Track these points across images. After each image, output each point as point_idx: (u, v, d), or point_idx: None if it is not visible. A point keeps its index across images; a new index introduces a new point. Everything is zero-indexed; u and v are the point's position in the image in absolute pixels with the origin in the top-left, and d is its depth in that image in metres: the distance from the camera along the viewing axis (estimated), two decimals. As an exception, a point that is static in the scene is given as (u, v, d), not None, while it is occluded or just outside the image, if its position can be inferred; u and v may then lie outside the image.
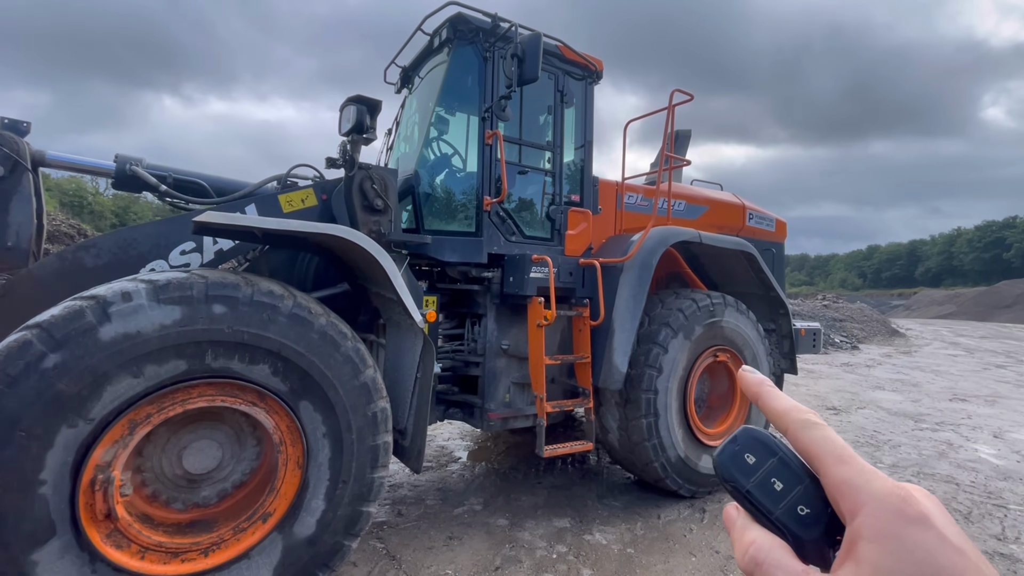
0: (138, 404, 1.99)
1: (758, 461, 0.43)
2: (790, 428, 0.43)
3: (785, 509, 0.41)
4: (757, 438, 0.44)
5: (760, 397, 0.46)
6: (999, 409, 7.47)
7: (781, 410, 0.44)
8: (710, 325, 4.06)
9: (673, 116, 4.18)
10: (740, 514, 0.43)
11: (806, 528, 0.40)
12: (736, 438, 0.44)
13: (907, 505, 0.36)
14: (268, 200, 3.06)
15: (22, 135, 2.71)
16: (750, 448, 0.43)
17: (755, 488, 0.42)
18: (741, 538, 0.42)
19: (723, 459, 0.44)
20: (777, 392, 0.46)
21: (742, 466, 0.43)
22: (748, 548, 0.40)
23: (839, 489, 0.39)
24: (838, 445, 0.40)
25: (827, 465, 0.40)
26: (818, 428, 0.42)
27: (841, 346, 15.02)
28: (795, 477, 0.42)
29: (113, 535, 1.99)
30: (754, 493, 0.42)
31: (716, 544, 3.36)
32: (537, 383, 3.63)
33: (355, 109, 2.91)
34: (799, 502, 0.41)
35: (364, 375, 2.49)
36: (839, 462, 0.39)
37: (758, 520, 0.42)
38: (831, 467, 0.39)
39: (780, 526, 0.41)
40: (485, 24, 3.72)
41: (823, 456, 0.40)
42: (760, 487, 0.42)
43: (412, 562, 3.05)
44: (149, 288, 2.03)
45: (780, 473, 0.42)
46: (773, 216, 5.82)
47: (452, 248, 3.65)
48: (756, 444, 0.43)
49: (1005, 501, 4.11)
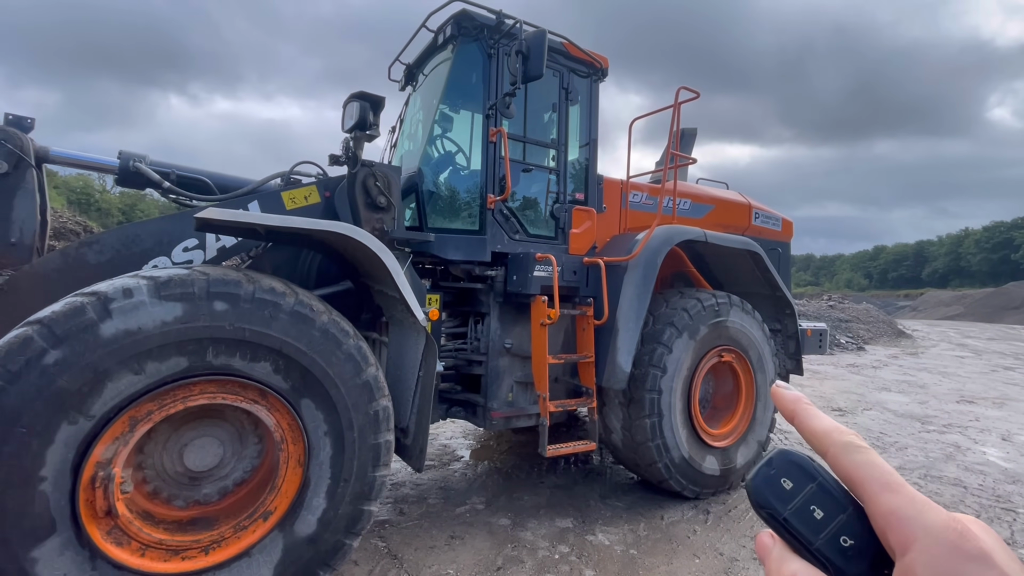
0: (139, 401, 1.98)
1: (796, 487, 0.40)
2: (830, 451, 0.40)
3: (826, 540, 0.38)
4: (794, 461, 0.41)
5: (796, 416, 0.43)
6: (1007, 411, 7.39)
7: (821, 431, 0.41)
8: (715, 325, 4.03)
9: (679, 114, 4.15)
10: (776, 543, 0.41)
11: (849, 561, 0.37)
12: (772, 461, 0.41)
13: (965, 541, 0.33)
14: (271, 197, 3.05)
15: (26, 131, 2.71)
16: (787, 472, 0.40)
17: (793, 516, 0.39)
18: (779, 570, 0.39)
19: (757, 483, 0.41)
20: (815, 411, 0.43)
21: (778, 492, 0.40)
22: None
23: (887, 520, 0.36)
24: (885, 471, 0.37)
25: (873, 493, 0.37)
26: (862, 452, 0.39)
27: (847, 347, 14.92)
28: (837, 505, 0.39)
29: (113, 532, 1.99)
30: (792, 522, 0.39)
31: (720, 546, 3.33)
32: (540, 382, 3.61)
33: (358, 105, 2.89)
34: (842, 532, 0.38)
35: (366, 373, 2.47)
36: (886, 490, 0.36)
37: (796, 550, 0.39)
38: (878, 495, 0.37)
39: (821, 558, 0.38)
40: (490, 21, 3.70)
41: (868, 483, 0.37)
42: (798, 515, 0.39)
43: (414, 561, 3.04)
44: (150, 285, 2.02)
45: (820, 500, 0.39)
46: (779, 215, 5.77)
47: (455, 246, 3.63)
48: (793, 468, 0.41)
49: (1014, 505, 4.06)
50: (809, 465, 0.41)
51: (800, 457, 0.41)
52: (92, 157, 3.04)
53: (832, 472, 0.40)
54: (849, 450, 0.39)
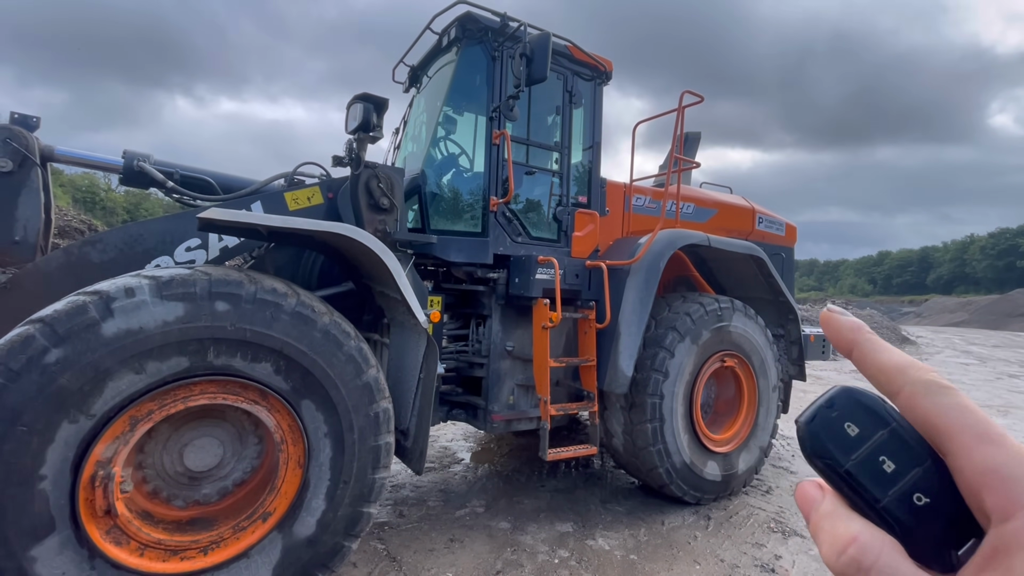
0: (140, 400, 1.98)
1: (863, 433, 0.33)
2: (905, 390, 0.33)
3: (896, 497, 0.32)
4: (863, 403, 0.34)
5: (858, 346, 0.35)
6: (1012, 420, 7.34)
7: (892, 366, 0.34)
8: (718, 330, 4.01)
9: (683, 118, 4.14)
10: (828, 496, 0.34)
11: (923, 523, 0.32)
12: (833, 401, 0.34)
13: None
14: (274, 198, 3.05)
15: (32, 130, 2.73)
16: (852, 416, 0.34)
17: (857, 468, 0.33)
18: (834, 530, 0.32)
19: (814, 428, 0.34)
20: (883, 343, 0.35)
21: (841, 438, 0.34)
22: (847, 546, 0.31)
23: (982, 478, 0.29)
24: (980, 418, 0.31)
25: (965, 445, 0.30)
26: (949, 393, 0.31)
27: (850, 353, 14.84)
28: (912, 456, 0.33)
29: (113, 531, 1.99)
30: (855, 474, 0.33)
31: (721, 552, 3.31)
32: (541, 385, 3.60)
33: (362, 107, 2.90)
34: (916, 489, 0.32)
35: (367, 375, 2.47)
36: (983, 441, 0.30)
37: (856, 508, 0.33)
38: (972, 448, 0.30)
39: (889, 518, 0.32)
40: (494, 23, 3.70)
41: (960, 432, 0.30)
42: (864, 467, 0.33)
43: (413, 564, 3.03)
44: (152, 284, 2.02)
45: (892, 450, 0.33)
46: (783, 220, 5.75)
47: (458, 248, 3.63)
48: (861, 410, 0.34)
49: (1018, 514, 4.02)
50: (881, 408, 0.34)
51: (870, 398, 0.34)
52: (97, 156, 3.05)
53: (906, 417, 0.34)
54: (932, 390, 0.32)
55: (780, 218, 5.73)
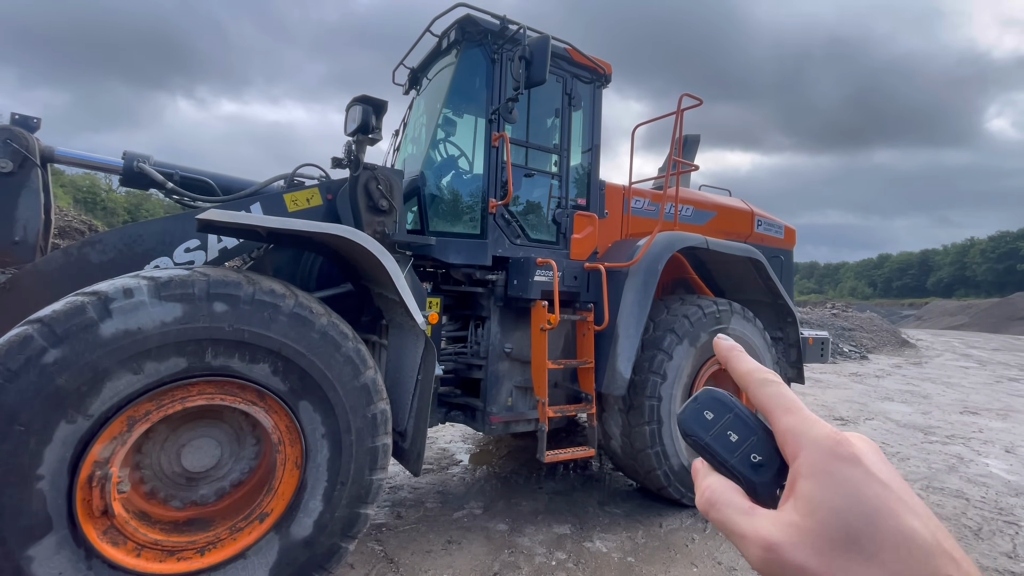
0: (137, 401, 1.98)
1: (715, 417, 0.47)
2: (750, 386, 0.47)
3: (739, 457, 0.45)
4: (715, 397, 0.48)
5: (730, 360, 0.50)
6: (1011, 423, 7.33)
7: (744, 371, 0.48)
8: (716, 332, 4.02)
9: (682, 120, 4.15)
10: (703, 465, 0.48)
11: (757, 472, 0.44)
12: (697, 397, 0.48)
13: (840, 447, 0.39)
14: (273, 199, 3.06)
15: (32, 131, 2.74)
16: (709, 406, 0.48)
17: (712, 440, 0.46)
18: (700, 483, 0.47)
19: (685, 416, 0.48)
20: (745, 356, 0.50)
21: (702, 421, 0.47)
22: (705, 491, 0.45)
23: (784, 436, 0.42)
24: (788, 398, 0.44)
25: (776, 416, 0.44)
26: (772, 385, 0.46)
27: (850, 356, 14.84)
28: (749, 429, 0.46)
29: (109, 532, 1.99)
30: (712, 444, 0.46)
31: (718, 555, 3.31)
32: (539, 387, 3.60)
33: (361, 109, 2.91)
34: (752, 451, 0.45)
35: (364, 376, 2.47)
36: (786, 412, 0.43)
37: (717, 469, 0.46)
38: (780, 417, 0.43)
39: (735, 472, 0.45)
40: (493, 26, 3.72)
41: (774, 408, 0.44)
42: (717, 439, 0.46)
43: (410, 565, 3.03)
44: (151, 285, 2.02)
45: (735, 426, 0.46)
46: (782, 223, 5.76)
47: (456, 250, 3.63)
48: (714, 402, 0.48)
49: (1017, 518, 4.02)
50: (727, 399, 0.48)
51: (720, 393, 0.48)
52: (97, 157, 3.06)
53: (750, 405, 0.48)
54: (763, 384, 0.46)
55: (779, 221, 5.73)
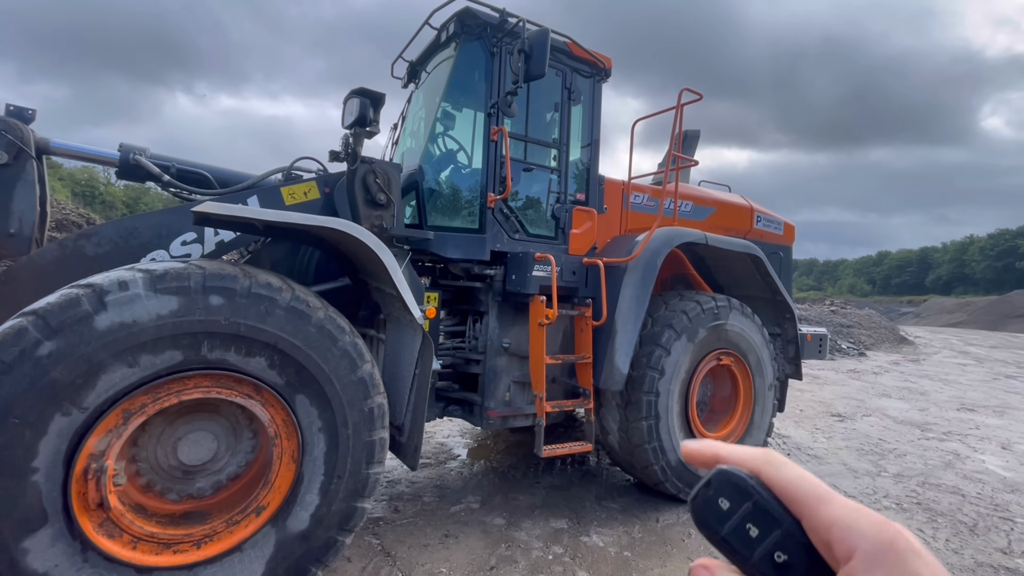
0: (133, 394, 1.98)
1: (732, 506, 0.42)
2: (762, 470, 0.42)
3: (761, 555, 0.40)
4: (731, 481, 0.42)
5: (720, 455, 0.46)
6: (1008, 420, 7.36)
7: (746, 456, 0.44)
8: (714, 328, 4.01)
9: (681, 116, 4.13)
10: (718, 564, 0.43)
11: (784, 574, 0.39)
12: (710, 482, 0.43)
13: (900, 538, 0.36)
14: (270, 192, 3.05)
15: (27, 122, 2.71)
16: (724, 492, 0.42)
17: (730, 535, 0.41)
18: None
19: (697, 505, 0.43)
20: (728, 445, 0.46)
21: (716, 512, 0.42)
22: None
23: (830, 532, 0.37)
24: (815, 483, 0.40)
25: (811, 507, 0.39)
26: (789, 467, 0.42)
27: (848, 352, 14.86)
28: (772, 521, 0.41)
29: (105, 524, 1.99)
30: (729, 540, 0.41)
31: (714, 550, 3.31)
32: (537, 382, 3.60)
33: (358, 102, 2.88)
34: (776, 548, 0.40)
35: (361, 370, 2.47)
36: (822, 502, 0.39)
37: (736, 564, 0.42)
38: (816, 508, 0.39)
39: (756, 573, 0.40)
40: (493, 19, 3.69)
41: (804, 497, 0.40)
42: (735, 534, 0.41)
43: (407, 559, 3.04)
44: (146, 278, 2.01)
45: (756, 518, 0.41)
46: (781, 219, 5.74)
47: (455, 244, 3.62)
48: (730, 488, 0.42)
49: (1012, 514, 4.03)
50: (745, 483, 0.42)
51: (737, 476, 0.42)
52: (93, 149, 3.04)
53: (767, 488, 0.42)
54: (778, 466, 0.42)
55: (778, 217, 5.72)
